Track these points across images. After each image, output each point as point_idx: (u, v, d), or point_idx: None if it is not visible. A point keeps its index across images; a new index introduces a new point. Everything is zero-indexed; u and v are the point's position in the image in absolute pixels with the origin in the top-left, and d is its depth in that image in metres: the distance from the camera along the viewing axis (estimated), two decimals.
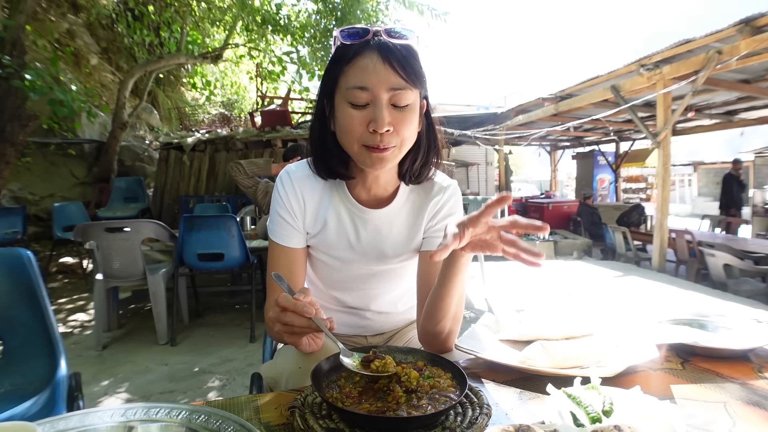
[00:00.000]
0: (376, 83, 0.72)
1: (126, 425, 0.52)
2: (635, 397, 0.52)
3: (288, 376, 0.76)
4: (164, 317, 3.05)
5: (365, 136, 0.75)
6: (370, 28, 0.75)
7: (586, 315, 0.92)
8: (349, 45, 0.75)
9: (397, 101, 0.73)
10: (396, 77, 0.72)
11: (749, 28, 3.64)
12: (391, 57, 0.72)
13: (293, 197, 0.87)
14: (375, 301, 0.97)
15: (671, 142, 4.70)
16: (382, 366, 0.59)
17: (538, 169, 20.95)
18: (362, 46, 0.74)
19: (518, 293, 4.21)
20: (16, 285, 1.14)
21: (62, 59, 6.95)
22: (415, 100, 0.76)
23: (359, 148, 0.76)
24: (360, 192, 0.89)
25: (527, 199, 11.68)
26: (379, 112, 0.72)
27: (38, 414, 0.99)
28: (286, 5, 7.07)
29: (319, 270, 0.96)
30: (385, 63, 0.72)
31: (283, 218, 0.87)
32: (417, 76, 0.75)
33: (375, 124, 0.72)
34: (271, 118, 6.66)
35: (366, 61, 0.73)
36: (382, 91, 0.72)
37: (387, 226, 0.90)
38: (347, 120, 0.75)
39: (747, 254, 4.07)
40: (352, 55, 0.74)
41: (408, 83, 0.73)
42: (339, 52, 0.76)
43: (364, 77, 0.72)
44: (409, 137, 0.77)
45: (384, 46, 0.73)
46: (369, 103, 0.73)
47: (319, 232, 0.89)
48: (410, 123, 0.76)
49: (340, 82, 0.76)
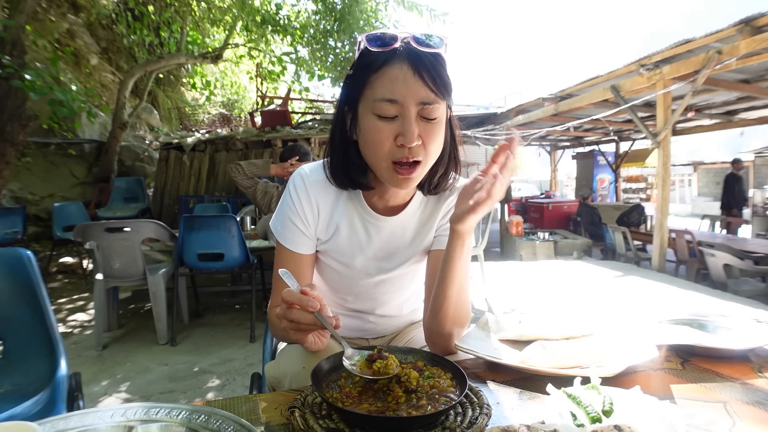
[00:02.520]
0: (406, 96, 0.68)
1: (126, 425, 0.52)
2: (635, 397, 0.52)
3: (292, 377, 0.76)
4: (164, 317, 3.04)
5: (393, 150, 0.72)
6: (398, 35, 0.71)
7: (586, 315, 0.92)
8: (376, 53, 0.70)
9: (427, 114, 0.70)
10: (426, 90, 0.69)
11: (749, 28, 3.64)
12: (421, 68, 0.68)
13: (306, 203, 0.84)
14: (381, 305, 0.97)
15: (671, 142, 4.69)
16: (383, 367, 0.59)
17: (538, 169, 20.94)
18: (391, 55, 0.69)
19: (518, 293, 4.21)
20: (16, 285, 1.14)
21: (62, 59, 6.96)
22: (443, 113, 0.73)
23: (387, 164, 0.73)
24: (376, 201, 0.86)
25: (527, 199, 11.69)
26: (408, 126, 0.69)
27: (38, 414, 0.99)
28: (286, 5, 7.08)
29: (327, 275, 0.94)
30: (416, 74, 0.68)
31: (294, 224, 0.84)
32: (446, 87, 0.71)
33: (404, 138, 0.69)
34: (271, 118, 6.66)
35: (396, 71, 0.69)
36: (411, 104, 0.69)
37: (400, 231, 0.89)
38: (374, 133, 0.71)
39: (747, 254, 4.07)
40: (381, 64, 0.70)
41: (438, 96, 0.70)
42: (365, 60, 0.72)
43: (394, 89, 0.69)
44: (435, 151, 0.74)
45: (414, 56, 0.69)
46: (397, 116, 0.70)
47: (330, 238, 0.87)
48: (438, 136, 0.73)
49: (367, 93, 0.72)
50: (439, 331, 0.80)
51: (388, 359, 0.60)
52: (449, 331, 0.80)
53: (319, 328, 0.65)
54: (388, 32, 0.71)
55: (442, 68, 0.71)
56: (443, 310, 0.78)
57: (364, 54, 0.73)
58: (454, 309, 0.79)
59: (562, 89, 6.02)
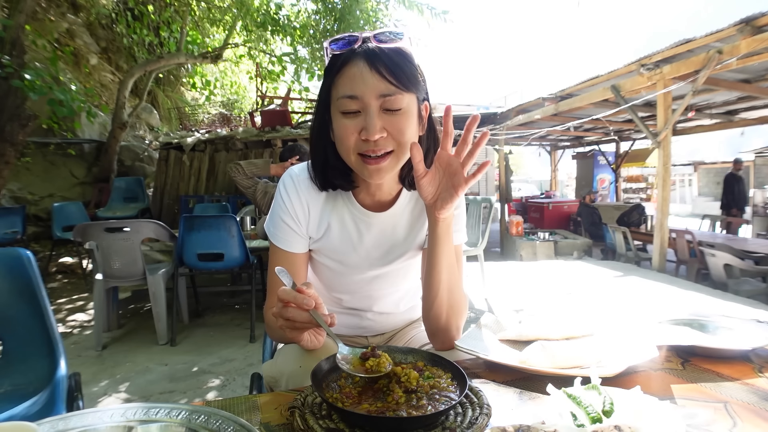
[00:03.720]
0: (365, 91, 0.72)
1: (126, 425, 0.52)
2: (635, 397, 0.52)
3: (289, 376, 0.76)
4: (164, 317, 3.04)
5: (359, 144, 0.74)
6: (359, 35, 0.75)
7: (586, 315, 0.92)
8: (337, 54, 0.75)
9: (389, 106, 0.73)
10: (384, 83, 0.72)
11: (750, 28, 3.64)
12: (377, 63, 0.72)
13: (297, 203, 0.86)
14: (377, 302, 0.97)
15: (671, 142, 4.69)
16: (375, 365, 0.59)
17: (538, 169, 20.96)
18: (349, 55, 0.74)
19: (518, 293, 4.21)
20: (15, 285, 1.13)
21: (62, 59, 6.95)
22: (409, 104, 0.75)
23: (356, 157, 0.76)
24: (364, 197, 0.88)
25: (527, 199, 11.69)
26: (369, 120, 0.72)
27: (38, 414, 0.99)
28: (285, 6, 7.07)
29: (321, 273, 0.95)
30: (372, 70, 0.72)
31: (285, 223, 0.86)
32: (409, 79, 0.74)
33: (366, 132, 0.72)
34: (271, 118, 6.66)
35: (353, 69, 0.73)
36: (371, 98, 0.72)
37: (391, 228, 0.90)
38: (341, 129, 0.75)
39: (747, 254, 4.07)
40: (340, 64, 0.74)
41: (398, 88, 0.72)
42: (330, 63, 0.77)
43: (353, 86, 0.72)
44: (406, 142, 0.75)
45: (370, 53, 0.72)
46: (360, 111, 0.73)
47: (322, 236, 0.89)
48: (405, 127, 0.75)
49: (333, 93, 0.76)
50: (438, 324, 0.81)
51: (380, 357, 0.60)
52: (446, 321, 0.81)
53: (314, 327, 0.66)
54: (351, 34, 0.75)
55: (404, 61, 0.74)
56: (437, 299, 0.79)
57: (330, 58, 0.77)
58: (447, 297, 0.80)
59: (562, 89, 6.02)
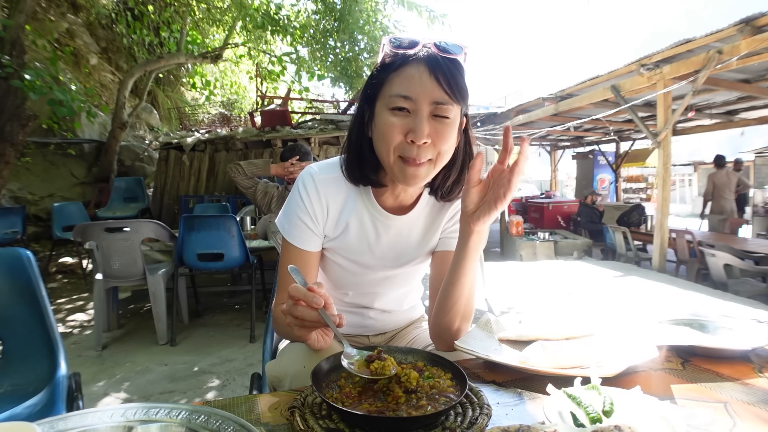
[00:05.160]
0: (420, 94, 0.72)
1: (126, 425, 0.52)
2: (635, 397, 0.52)
3: (293, 376, 0.76)
4: (164, 317, 3.04)
5: (402, 145, 0.74)
6: (420, 40, 0.75)
7: (586, 315, 0.92)
8: (397, 54, 0.75)
9: (440, 113, 0.73)
10: (440, 91, 0.72)
11: (749, 28, 3.64)
12: (437, 70, 0.72)
13: (317, 202, 0.85)
14: (379, 299, 0.98)
15: (671, 142, 4.69)
16: (380, 368, 0.59)
17: (538, 169, 20.94)
18: (410, 57, 0.74)
19: (518, 293, 4.21)
20: (15, 285, 1.13)
21: (62, 59, 6.95)
22: (456, 116, 0.75)
23: (395, 159, 0.76)
24: (386, 199, 0.88)
25: (527, 198, 11.68)
26: (419, 123, 0.72)
27: (38, 414, 0.99)
28: (285, 6, 7.07)
29: (331, 271, 0.95)
30: (431, 76, 0.72)
31: (303, 222, 0.86)
32: (461, 92, 0.74)
33: (414, 134, 0.72)
34: (271, 118, 6.66)
35: (413, 71, 0.73)
36: (425, 102, 0.72)
37: (407, 231, 0.91)
38: (386, 127, 0.74)
39: (747, 254, 4.07)
40: (399, 63, 0.74)
41: (451, 98, 0.73)
42: (386, 60, 0.76)
43: (409, 87, 0.72)
44: (445, 152, 0.77)
45: (432, 59, 0.73)
46: (410, 113, 0.73)
47: (339, 235, 0.89)
48: (449, 137, 0.75)
49: (384, 90, 0.76)
50: (449, 327, 0.82)
51: (386, 360, 0.60)
52: (458, 326, 0.82)
53: (322, 326, 0.66)
54: (412, 37, 0.76)
55: (458, 73, 0.74)
56: (455, 307, 0.80)
57: (386, 55, 0.77)
58: (465, 305, 0.81)
59: (562, 89, 6.02)
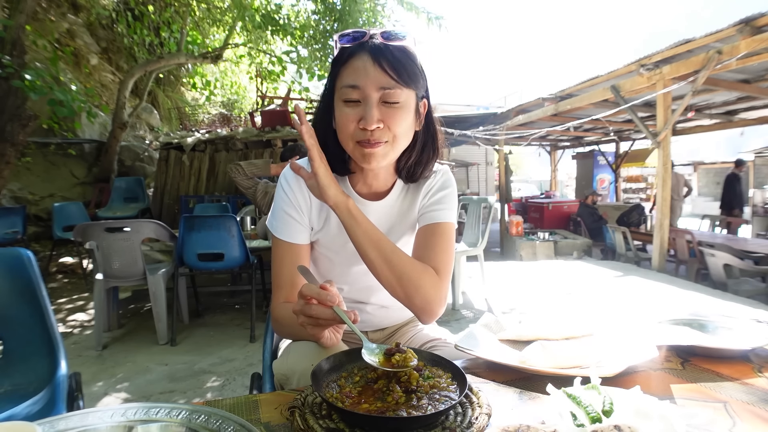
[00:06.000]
0: (366, 82, 0.76)
1: (126, 425, 0.52)
2: (635, 397, 0.52)
3: (301, 374, 0.76)
4: (164, 317, 3.04)
5: (357, 132, 0.79)
6: (367, 32, 0.80)
7: (586, 315, 0.92)
8: (346, 47, 0.81)
9: (388, 98, 0.77)
10: (385, 77, 0.76)
11: (749, 28, 3.64)
12: (381, 58, 0.77)
13: (299, 193, 0.89)
14: (375, 294, 0.98)
15: (671, 142, 4.69)
16: (401, 360, 0.60)
17: (538, 169, 20.97)
18: (356, 49, 0.79)
19: (518, 293, 4.21)
20: (16, 285, 1.14)
21: (62, 59, 6.95)
22: (407, 99, 0.79)
23: (353, 145, 0.80)
24: (361, 187, 0.93)
25: (527, 199, 11.69)
26: (368, 110, 0.76)
27: (38, 414, 0.99)
28: (285, 6, 7.07)
29: (320, 265, 0.98)
30: (375, 64, 0.76)
31: (289, 215, 0.89)
32: (409, 75, 0.78)
33: (364, 121, 0.77)
34: (271, 118, 6.66)
35: (358, 62, 0.78)
36: (372, 90, 0.76)
37: (386, 217, 0.94)
38: (341, 117, 0.80)
39: (747, 254, 4.07)
40: (347, 57, 0.79)
41: (398, 83, 0.77)
42: (337, 55, 0.82)
43: (356, 77, 0.77)
44: (401, 134, 0.80)
45: (376, 48, 0.78)
46: (360, 101, 0.77)
47: (322, 227, 0.92)
48: (401, 120, 0.79)
49: (337, 83, 0.81)
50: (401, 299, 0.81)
51: (406, 353, 0.61)
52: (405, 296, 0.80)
53: (337, 323, 0.67)
54: (358, 30, 0.81)
55: (406, 58, 0.79)
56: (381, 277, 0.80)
57: (338, 51, 0.82)
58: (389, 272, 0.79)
59: (562, 89, 6.02)
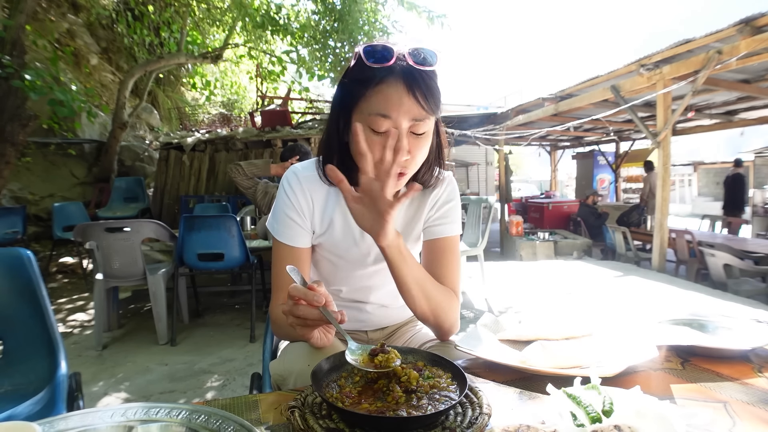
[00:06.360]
0: (399, 114, 0.72)
1: (126, 425, 0.52)
2: (635, 397, 0.52)
3: (297, 375, 0.76)
4: (164, 317, 3.04)
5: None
6: (394, 50, 0.73)
7: (586, 315, 0.92)
8: (373, 68, 0.73)
9: (416, 130, 0.75)
10: (418, 108, 0.73)
11: (749, 28, 3.63)
12: (415, 87, 0.72)
13: (302, 197, 0.88)
14: (374, 293, 0.98)
15: (671, 142, 4.69)
16: (384, 360, 0.60)
17: (538, 169, 20.98)
18: (387, 73, 0.73)
19: (518, 293, 4.21)
20: (16, 285, 1.14)
21: (62, 59, 6.95)
22: (431, 126, 0.78)
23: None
24: None
25: (527, 199, 11.68)
26: (399, 143, 0.71)
27: (38, 414, 0.99)
28: (285, 6, 7.07)
29: (322, 267, 0.97)
30: (410, 93, 0.72)
31: (291, 218, 0.88)
32: (437, 103, 0.75)
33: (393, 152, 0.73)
34: (271, 118, 6.66)
35: (390, 90, 0.72)
36: (404, 121, 0.73)
37: None
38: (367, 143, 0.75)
39: (747, 254, 4.07)
40: (378, 81, 0.73)
41: (429, 113, 0.74)
42: (363, 73, 0.75)
43: (388, 106, 0.72)
44: (420, 161, 0.79)
45: (408, 74, 0.72)
46: (388, 129, 0.74)
47: (325, 231, 0.91)
48: (425, 147, 0.78)
49: (361, 105, 0.75)
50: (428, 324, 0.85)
51: (389, 353, 0.61)
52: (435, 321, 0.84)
53: (324, 323, 0.67)
54: (386, 45, 0.74)
55: (435, 85, 0.75)
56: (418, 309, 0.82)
57: (361, 66, 0.74)
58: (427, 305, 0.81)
59: (562, 89, 6.01)
